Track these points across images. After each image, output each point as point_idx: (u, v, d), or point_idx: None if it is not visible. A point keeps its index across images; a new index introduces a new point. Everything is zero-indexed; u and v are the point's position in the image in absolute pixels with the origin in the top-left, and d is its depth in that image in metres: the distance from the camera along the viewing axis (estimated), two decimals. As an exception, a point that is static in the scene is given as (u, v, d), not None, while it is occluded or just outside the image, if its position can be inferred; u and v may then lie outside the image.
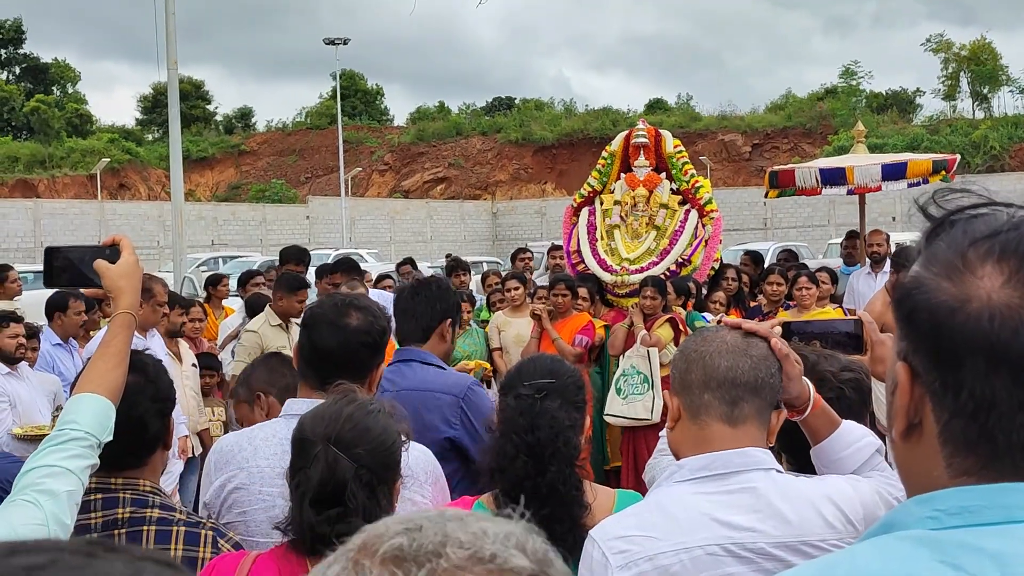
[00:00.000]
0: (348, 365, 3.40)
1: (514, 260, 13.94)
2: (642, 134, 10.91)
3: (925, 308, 1.26)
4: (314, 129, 76.41)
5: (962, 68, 64.76)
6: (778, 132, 63.59)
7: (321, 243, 46.82)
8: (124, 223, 45.96)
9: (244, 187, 69.71)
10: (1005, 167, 53.54)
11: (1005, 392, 1.21)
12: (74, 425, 2.62)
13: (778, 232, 49.58)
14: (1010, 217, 1.28)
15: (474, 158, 70.77)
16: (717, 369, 2.47)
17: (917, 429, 1.31)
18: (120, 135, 72.37)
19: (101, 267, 2.97)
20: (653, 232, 10.56)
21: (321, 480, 2.69)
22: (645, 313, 9.24)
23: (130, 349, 2.91)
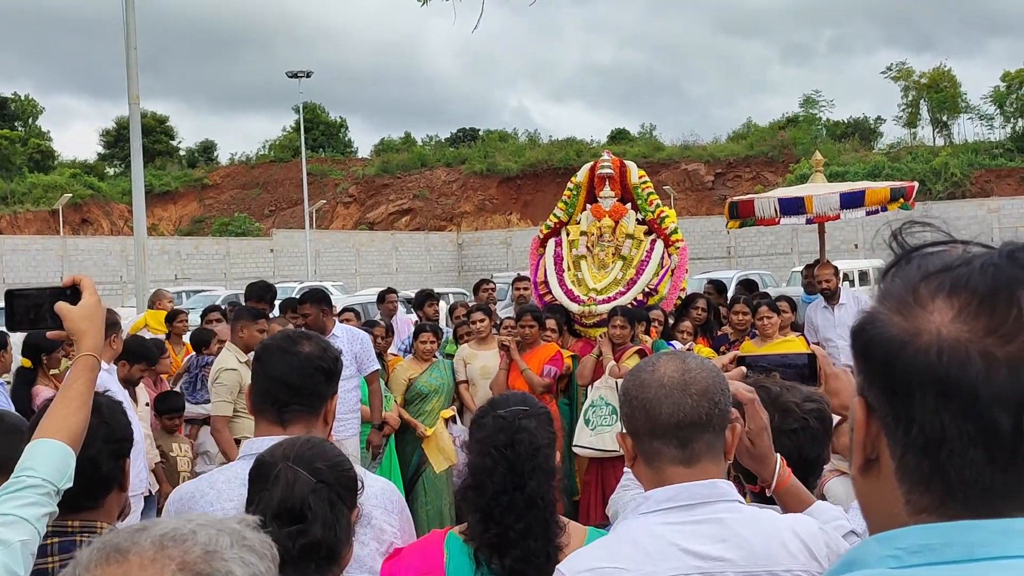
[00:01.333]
0: (304, 392, 3.36)
1: (476, 292, 13.90)
2: (607, 165, 10.95)
3: (877, 342, 1.26)
4: (277, 162, 76.39)
5: (922, 95, 65.52)
6: (740, 161, 64.08)
7: (286, 276, 46.74)
8: (87, 258, 45.72)
9: (207, 221, 69.52)
10: (966, 193, 54.13)
11: (955, 427, 1.20)
12: (31, 472, 2.55)
13: (742, 260, 49.88)
14: (963, 253, 1.28)
15: (439, 189, 70.90)
16: (660, 416, 2.44)
17: (875, 464, 1.30)
18: (82, 170, 72.11)
19: (63, 310, 2.91)
20: (620, 262, 10.58)
21: (282, 497, 2.68)
22: (614, 343, 9.24)
23: (92, 392, 2.85)
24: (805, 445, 2.96)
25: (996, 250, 1.26)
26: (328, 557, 2.71)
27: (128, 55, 19.89)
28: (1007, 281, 1.22)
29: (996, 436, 1.19)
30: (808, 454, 3.00)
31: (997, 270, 1.23)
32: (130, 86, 19.97)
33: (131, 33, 19.88)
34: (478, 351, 10.02)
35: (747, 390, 2.76)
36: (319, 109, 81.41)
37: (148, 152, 55.75)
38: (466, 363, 10.03)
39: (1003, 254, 1.25)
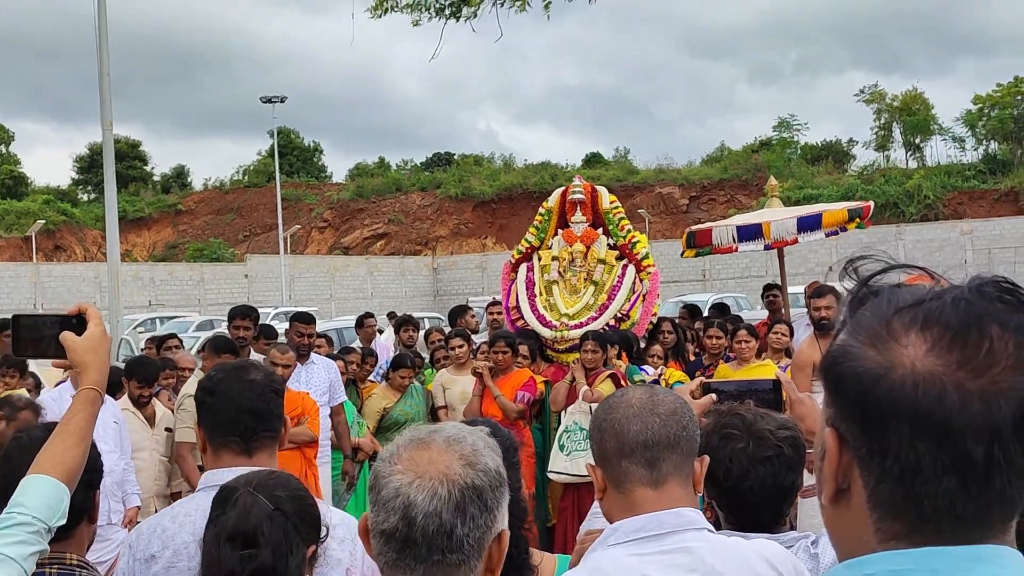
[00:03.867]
0: (269, 416, 3.38)
1: (454, 319, 13.78)
2: (578, 190, 10.98)
3: (851, 376, 1.28)
4: (252, 187, 76.22)
5: (895, 118, 65.82)
6: (715, 184, 64.19)
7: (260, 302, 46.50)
8: (60, 285, 45.47)
9: (181, 246, 69.25)
10: (939, 216, 54.36)
11: (929, 457, 1.24)
12: (22, 509, 2.51)
13: (716, 283, 50.00)
14: (932, 287, 1.31)
15: (414, 214, 70.81)
16: (628, 434, 2.50)
17: (846, 494, 1.33)
18: (55, 196, 71.71)
19: (67, 340, 2.87)
20: (591, 287, 10.60)
21: (236, 520, 2.68)
22: (586, 368, 9.24)
23: (92, 427, 2.80)
24: (780, 472, 2.98)
25: (965, 284, 1.29)
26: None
27: (101, 81, 19.82)
28: (977, 316, 1.25)
29: (969, 466, 1.23)
30: (783, 481, 2.99)
31: (968, 305, 1.26)
32: (103, 111, 19.89)
33: (104, 59, 19.83)
34: (456, 376, 10.02)
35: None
36: (293, 134, 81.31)
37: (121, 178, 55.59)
38: (445, 388, 10.02)
39: (972, 288, 1.28)
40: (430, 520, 1.82)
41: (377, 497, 1.87)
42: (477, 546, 1.88)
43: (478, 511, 1.87)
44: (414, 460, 1.88)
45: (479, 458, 1.92)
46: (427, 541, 1.83)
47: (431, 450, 1.90)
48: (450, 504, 1.84)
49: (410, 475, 1.86)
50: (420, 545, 1.83)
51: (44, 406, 7.90)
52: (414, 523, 1.82)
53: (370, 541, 1.93)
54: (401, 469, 1.87)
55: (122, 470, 7.86)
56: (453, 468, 1.88)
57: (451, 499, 1.84)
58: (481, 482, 1.89)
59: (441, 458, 1.89)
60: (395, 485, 1.86)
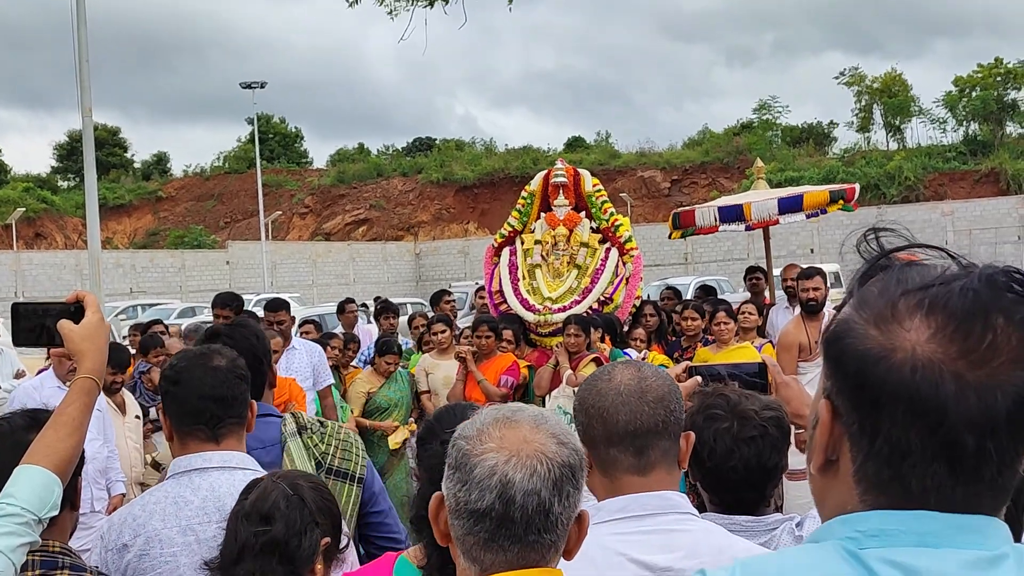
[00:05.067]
0: (235, 403, 3.35)
1: (435, 303, 13.77)
2: (561, 174, 10.96)
3: (852, 353, 1.30)
4: (232, 173, 75.98)
5: (875, 100, 65.87)
6: (696, 168, 64.23)
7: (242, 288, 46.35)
8: (40, 272, 45.31)
9: (162, 233, 69.06)
10: (920, 197, 54.46)
11: (920, 442, 1.25)
12: (11, 500, 2.48)
13: (699, 266, 50.06)
14: (943, 271, 1.31)
15: (395, 199, 70.71)
16: (617, 424, 2.50)
17: (834, 465, 1.35)
18: (35, 184, 71.39)
19: (64, 328, 2.85)
20: (575, 271, 10.59)
21: (254, 500, 2.74)
22: (570, 351, 9.24)
23: (88, 417, 2.77)
24: (764, 453, 2.96)
25: (975, 272, 1.29)
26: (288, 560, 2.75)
27: (80, 67, 19.75)
28: (984, 306, 1.26)
29: (960, 454, 1.25)
30: (767, 462, 2.96)
31: (975, 295, 1.26)
32: (82, 98, 19.81)
33: (83, 46, 19.75)
34: (439, 361, 10.02)
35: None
36: (275, 120, 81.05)
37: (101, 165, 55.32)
38: (428, 373, 10.02)
39: (982, 278, 1.28)
40: (529, 498, 1.81)
41: (468, 476, 1.84)
42: (567, 525, 1.87)
43: (572, 489, 1.87)
44: (506, 438, 1.86)
45: (569, 437, 1.91)
46: (525, 520, 1.81)
47: (522, 428, 1.88)
48: (548, 482, 1.83)
49: (505, 453, 1.84)
50: (518, 524, 1.81)
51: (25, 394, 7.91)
52: (512, 502, 1.81)
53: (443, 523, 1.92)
54: (494, 447, 1.85)
55: (105, 457, 7.84)
56: (548, 446, 1.86)
57: (550, 477, 1.83)
58: (574, 460, 1.88)
59: (535, 436, 1.87)
60: (490, 463, 1.83)
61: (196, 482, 3.24)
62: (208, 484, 3.22)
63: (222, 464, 3.26)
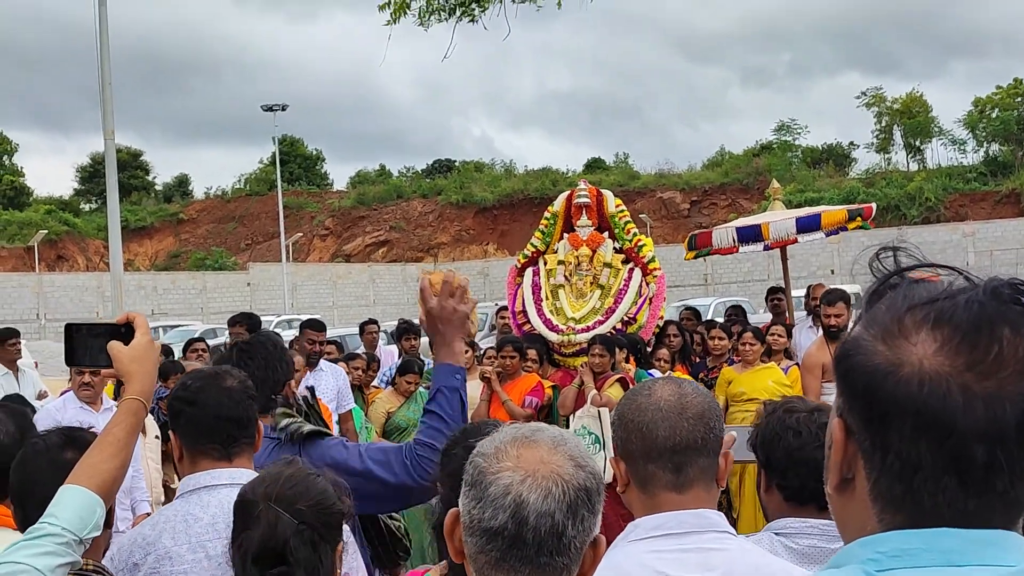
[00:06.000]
0: (248, 423, 3.34)
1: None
2: (584, 194, 10.96)
3: (860, 370, 1.29)
4: (253, 195, 76.31)
5: (895, 121, 65.81)
6: (716, 189, 64.26)
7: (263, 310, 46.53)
8: (63, 295, 45.56)
9: (184, 255, 69.34)
10: (941, 218, 54.40)
11: (930, 456, 1.24)
12: (52, 520, 2.46)
13: (719, 287, 50.06)
14: (948, 285, 1.31)
15: (415, 221, 70.88)
16: (656, 439, 2.47)
17: (850, 484, 1.34)
18: (57, 206, 71.88)
19: (113, 349, 2.83)
20: (598, 291, 10.57)
21: (262, 538, 2.65)
22: (595, 371, 9.22)
23: (134, 438, 2.76)
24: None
25: (981, 285, 1.29)
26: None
27: (103, 91, 19.86)
28: (989, 318, 1.25)
29: (970, 466, 1.23)
30: None
31: (980, 307, 1.26)
32: (105, 121, 19.93)
33: (105, 69, 19.87)
34: (460, 382, 9.99)
35: None
36: (296, 142, 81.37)
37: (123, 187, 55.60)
38: (448, 394, 9.99)
39: (987, 290, 1.28)
40: (543, 520, 1.78)
41: (483, 494, 1.82)
42: (580, 549, 1.85)
43: (588, 513, 1.84)
44: (523, 458, 1.84)
45: (587, 460, 1.89)
46: (537, 541, 1.79)
47: (540, 448, 1.86)
48: (563, 505, 1.80)
49: (521, 473, 1.82)
50: (530, 545, 1.79)
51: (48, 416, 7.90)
52: (525, 523, 1.78)
53: (457, 539, 1.90)
54: (510, 466, 1.83)
55: (131, 477, 7.83)
56: (565, 468, 1.84)
57: (564, 499, 1.80)
58: (591, 484, 1.85)
59: (552, 457, 1.84)
60: (505, 482, 1.81)
61: (205, 499, 3.23)
62: (217, 501, 3.20)
63: (231, 481, 3.22)
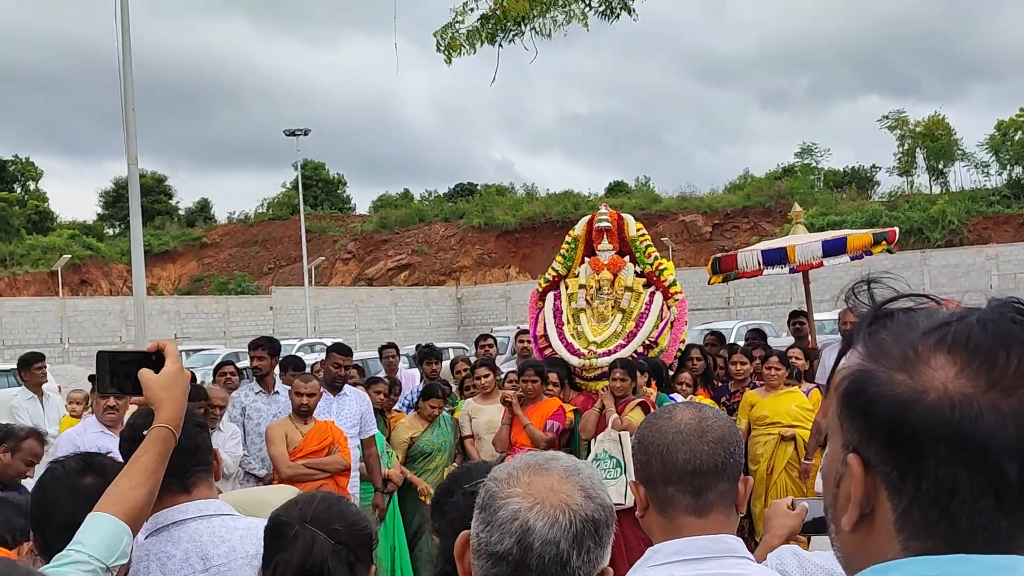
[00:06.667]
0: (196, 451, 3.26)
1: (477, 346, 13.95)
2: (605, 218, 10.98)
3: (884, 401, 1.28)
4: (276, 220, 76.55)
5: (918, 144, 65.64)
6: (738, 212, 64.12)
7: (285, 333, 46.67)
8: (86, 319, 45.72)
9: (207, 279, 69.57)
10: (964, 241, 54.15)
11: (967, 478, 1.24)
12: (79, 547, 2.48)
13: (741, 311, 49.88)
14: (951, 310, 1.32)
15: (437, 244, 70.96)
16: (676, 462, 2.47)
17: (867, 519, 1.33)
18: (81, 231, 72.32)
19: (143, 377, 2.85)
20: (619, 315, 10.57)
21: (301, 559, 2.66)
22: (616, 395, 9.21)
23: (162, 466, 2.77)
24: None
25: (987, 306, 1.31)
26: None
27: (126, 116, 19.97)
28: (1003, 336, 1.26)
29: (1006, 484, 1.23)
30: None
31: (995, 326, 1.27)
32: (128, 147, 20.02)
33: (128, 95, 19.98)
34: (483, 406, 10.00)
35: None
36: (318, 166, 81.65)
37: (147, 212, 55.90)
38: (471, 418, 10.01)
39: (994, 310, 1.29)
40: (547, 548, 1.81)
41: (492, 517, 1.85)
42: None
43: (594, 544, 1.86)
44: (534, 485, 1.87)
45: (598, 491, 1.91)
46: (540, 568, 1.81)
47: (551, 477, 1.89)
48: (569, 534, 1.82)
49: (529, 500, 1.84)
50: (533, 571, 1.81)
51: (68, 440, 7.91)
52: (530, 549, 1.81)
53: (467, 562, 1.93)
54: (520, 493, 1.86)
55: None
56: (574, 498, 1.86)
57: (571, 529, 1.83)
58: (599, 516, 1.88)
59: (562, 487, 1.87)
60: (513, 508, 1.84)
61: (176, 535, 3.19)
62: (188, 535, 3.18)
63: (198, 513, 3.21)
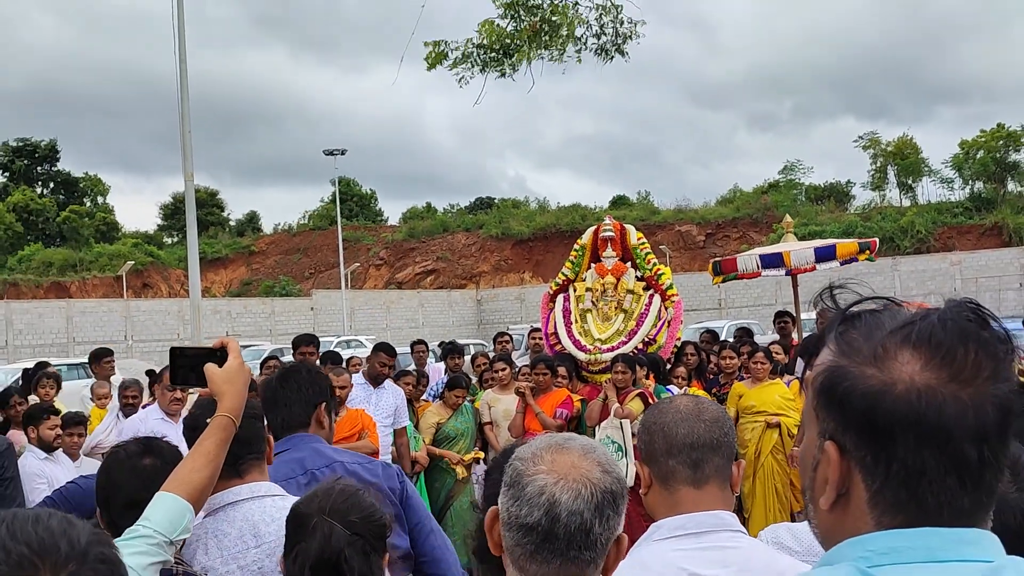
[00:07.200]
0: (252, 441, 3.27)
1: (495, 343, 13.99)
2: (609, 228, 11.00)
3: (856, 393, 1.30)
4: (316, 230, 76.63)
5: (889, 162, 65.54)
6: (728, 223, 64.00)
7: (324, 331, 46.75)
8: (147, 318, 45.87)
9: (254, 283, 69.69)
10: (930, 249, 54.03)
11: (933, 460, 1.26)
12: (146, 523, 2.51)
13: (731, 311, 49.83)
14: (913, 311, 1.35)
15: (459, 252, 70.98)
16: (676, 436, 2.51)
17: (844, 498, 1.34)
18: (143, 240, 72.62)
19: (208, 371, 2.88)
20: (621, 315, 10.58)
21: (319, 549, 2.64)
22: (618, 387, 9.21)
23: (223, 451, 2.79)
24: None
25: (944, 307, 1.33)
26: None
27: (183, 138, 20.04)
28: (961, 333, 1.28)
29: (966, 465, 1.27)
30: None
31: (953, 324, 1.29)
32: (185, 165, 20.09)
33: (185, 118, 20.05)
34: (500, 396, 10.02)
35: None
36: (353, 183, 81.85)
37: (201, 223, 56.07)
38: (490, 407, 10.02)
39: (951, 310, 1.32)
40: (573, 518, 1.83)
41: (521, 493, 1.87)
42: (606, 546, 1.89)
43: (612, 513, 1.88)
44: (557, 462, 1.89)
45: (613, 467, 1.94)
46: (567, 537, 1.83)
47: (571, 454, 1.91)
48: (591, 505, 1.85)
49: (554, 475, 1.86)
50: (561, 540, 1.83)
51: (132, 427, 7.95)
52: (558, 519, 1.83)
53: (496, 534, 1.94)
54: (545, 470, 1.88)
55: None
56: (594, 473, 1.89)
57: (592, 500, 1.85)
58: (616, 488, 1.90)
59: (582, 463, 1.89)
60: (540, 483, 1.86)
61: (231, 515, 3.20)
62: (241, 515, 3.18)
63: (251, 495, 3.22)
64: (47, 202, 72.22)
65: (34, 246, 64.92)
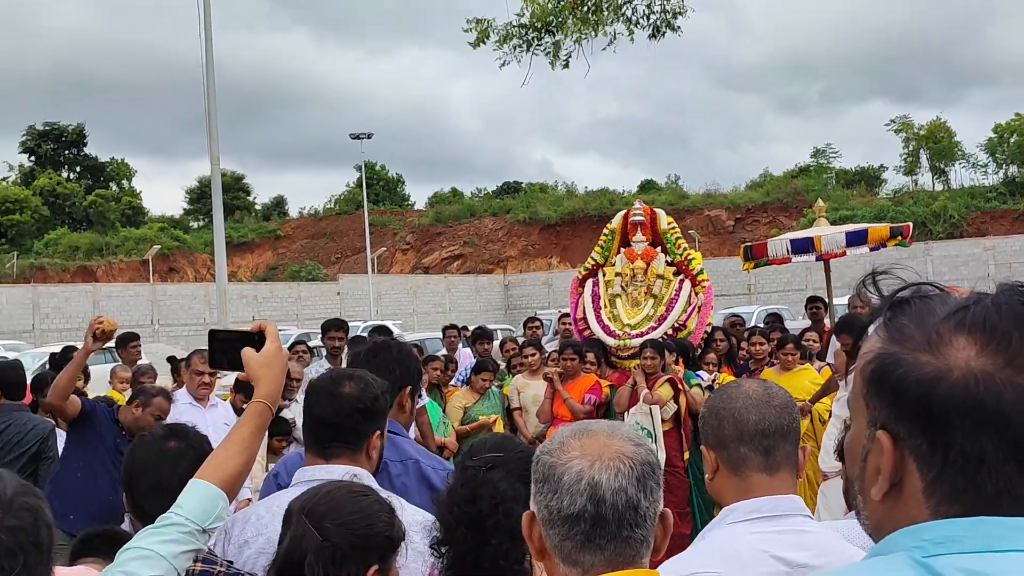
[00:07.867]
0: (344, 431, 3.22)
1: (525, 327, 13.99)
2: (639, 213, 10.97)
3: (911, 381, 1.28)
4: (342, 214, 76.80)
5: (921, 146, 65.11)
6: (758, 207, 63.77)
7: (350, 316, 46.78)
8: (173, 303, 46.14)
9: (281, 268, 69.91)
10: (963, 234, 53.68)
11: (992, 447, 1.24)
12: (178, 510, 2.45)
13: (761, 296, 49.70)
14: (966, 296, 1.32)
15: (487, 236, 71.00)
16: (747, 423, 2.49)
17: (896, 488, 1.32)
18: (169, 224, 72.97)
19: (246, 355, 2.81)
20: (651, 300, 10.57)
21: (287, 550, 2.57)
22: (647, 373, 9.21)
23: (259, 438, 2.72)
24: None
25: (997, 291, 1.31)
26: None
27: (209, 122, 20.13)
28: (1016, 318, 1.26)
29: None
30: None
31: (1008, 309, 1.27)
32: (211, 148, 20.19)
33: (211, 103, 20.14)
34: (530, 381, 10.03)
35: None
36: (378, 167, 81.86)
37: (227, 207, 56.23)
38: (519, 392, 10.03)
39: (1004, 294, 1.30)
40: (618, 496, 1.80)
41: (558, 484, 1.82)
42: (654, 520, 1.86)
43: (655, 485, 1.86)
44: (587, 445, 1.85)
45: (643, 440, 1.91)
46: (617, 517, 1.80)
47: (598, 436, 1.88)
48: (633, 479, 1.82)
49: (588, 458, 1.83)
50: (611, 522, 1.80)
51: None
52: (603, 501, 1.79)
53: (536, 538, 1.88)
54: (577, 455, 1.84)
55: None
56: (626, 448, 1.85)
57: (633, 474, 1.82)
58: (652, 459, 1.88)
59: (611, 441, 1.86)
60: (576, 469, 1.82)
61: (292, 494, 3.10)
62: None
63: (327, 476, 3.11)
64: (74, 186, 72.62)
65: (61, 230, 65.28)
